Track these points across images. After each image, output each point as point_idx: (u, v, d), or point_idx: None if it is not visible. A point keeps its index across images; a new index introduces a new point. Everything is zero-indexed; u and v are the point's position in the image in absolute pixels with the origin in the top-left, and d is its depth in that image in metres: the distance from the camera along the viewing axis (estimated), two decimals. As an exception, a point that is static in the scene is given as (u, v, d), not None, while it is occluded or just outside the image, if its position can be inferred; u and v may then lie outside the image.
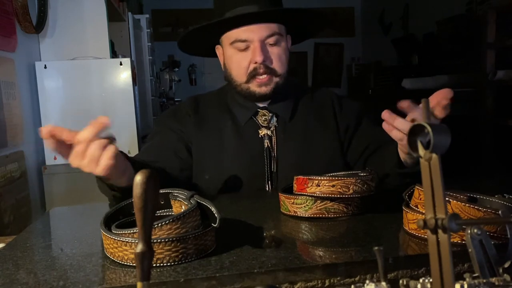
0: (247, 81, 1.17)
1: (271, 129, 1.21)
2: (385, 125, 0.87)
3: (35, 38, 2.46)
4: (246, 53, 1.15)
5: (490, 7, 2.91)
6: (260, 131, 1.21)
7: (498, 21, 2.88)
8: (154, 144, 1.20)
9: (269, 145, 1.20)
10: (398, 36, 5.35)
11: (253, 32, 1.13)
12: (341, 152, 1.24)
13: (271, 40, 1.15)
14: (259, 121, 1.22)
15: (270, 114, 1.22)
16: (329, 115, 1.26)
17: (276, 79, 1.17)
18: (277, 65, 1.16)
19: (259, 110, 1.23)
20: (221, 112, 1.25)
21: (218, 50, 1.26)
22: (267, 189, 1.19)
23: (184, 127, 1.21)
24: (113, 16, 2.92)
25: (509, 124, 2.85)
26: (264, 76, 1.15)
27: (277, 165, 1.20)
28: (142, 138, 2.62)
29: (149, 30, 3.85)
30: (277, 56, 1.16)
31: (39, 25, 2.36)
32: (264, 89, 1.17)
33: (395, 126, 0.85)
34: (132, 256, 0.64)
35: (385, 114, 0.86)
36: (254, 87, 1.17)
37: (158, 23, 5.95)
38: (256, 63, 1.14)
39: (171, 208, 0.85)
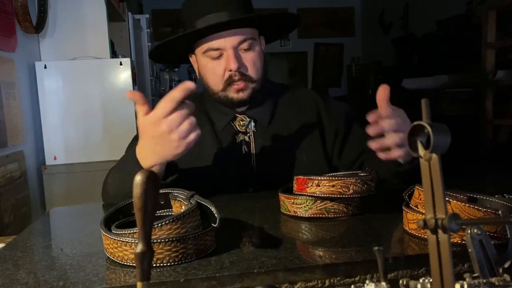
0: (224, 89, 1.15)
1: (249, 134, 1.20)
2: (381, 155, 0.92)
3: (35, 38, 2.46)
4: (219, 61, 1.13)
5: (490, 7, 2.91)
6: (237, 137, 1.19)
7: (498, 21, 2.89)
8: None
9: (246, 150, 1.18)
10: (398, 36, 5.35)
11: (225, 40, 1.11)
12: (325, 156, 1.21)
13: (244, 45, 1.12)
14: (237, 126, 1.20)
15: (248, 119, 1.20)
16: (313, 118, 1.23)
17: (252, 85, 1.15)
18: (252, 71, 1.14)
19: (237, 115, 1.21)
20: (200, 118, 1.21)
21: (192, 58, 1.24)
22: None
23: None
24: (113, 16, 2.92)
25: (509, 124, 2.85)
26: (240, 82, 1.13)
27: (257, 171, 1.18)
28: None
29: (149, 30, 3.86)
30: (252, 62, 1.14)
31: (39, 25, 2.36)
32: (241, 95, 1.15)
33: (387, 145, 0.89)
34: (132, 256, 0.64)
35: (373, 145, 0.90)
36: (231, 93, 1.15)
37: (158, 23, 5.96)
38: (231, 70, 1.12)
39: (171, 208, 0.85)
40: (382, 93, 0.93)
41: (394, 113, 0.91)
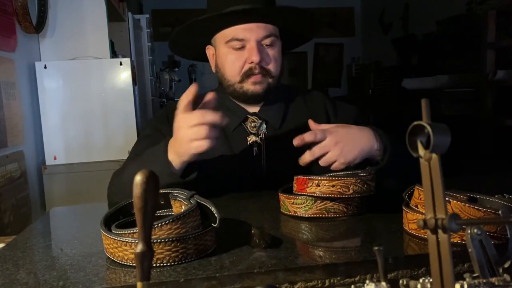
0: (241, 81, 1.16)
1: (260, 136, 1.19)
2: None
3: (35, 38, 2.46)
4: (241, 52, 1.14)
5: (490, 7, 2.91)
6: (248, 138, 1.19)
7: (498, 21, 2.89)
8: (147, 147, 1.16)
9: (257, 152, 1.18)
10: (398, 36, 5.35)
11: (250, 31, 1.12)
12: None
13: (267, 41, 1.14)
14: (248, 127, 1.20)
15: (260, 121, 1.20)
16: (322, 121, 1.22)
17: (269, 80, 1.16)
18: (273, 66, 1.15)
19: (248, 116, 1.21)
20: None
21: (209, 50, 1.24)
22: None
23: None
24: (113, 16, 2.92)
25: (509, 124, 2.85)
26: (259, 75, 1.14)
27: (267, 173, 1.18)
28: (142, 138, 2.62)
29: (149, 30, 3.85)
30: (273, 58, 1.15)
31: (39, 25, 2.36)
32: (257, 88, 1.15)
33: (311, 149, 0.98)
34: (132, 256, 0.64)
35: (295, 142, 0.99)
36: (248, 85, 1.15)
37: (158, 23, 5.95)
38: (252, 63, 1.13)
39: (171, 208, 0.85)
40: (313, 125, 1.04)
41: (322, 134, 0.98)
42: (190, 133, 0.90)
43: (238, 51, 1.14)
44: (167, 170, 0.96)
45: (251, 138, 1.19)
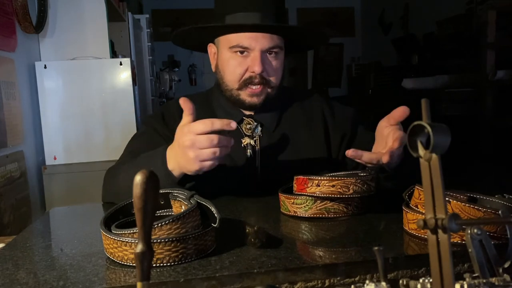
0: (239, 88, 1.15)
1: (255, 138, 1.19)
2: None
3: (35, 38, 2.46)
4: (244, 60, 1.13)
5: (490, 7, 2.91)
6: (243, 140, 1.19)
7: (498, 21, 2.89)
8: (142, 148, 1.15)
9: (251, 154, 1.18)
10: (398, 36, 5.35)
11: (256, 41, 1.11)
12: (331, 162, 1.21)
13: (271, 51, 1.13)
14: (243, 129, 1.20)
15: (255, 123, 1.20)
16: (318, 124, 1.23)
17: (268, 91, 1.16)
18: (273, 77, 1.15)
19: (244, 118, 1.20)
20: (205, 117, 1.22)
21: (211, 48, 1.23)
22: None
23: (170, 131, 1.17)
24: (113, 16, 2.92)
25: (509, 124, 2.85)
26: (258, 86, 1.14)
27: (261, 175, 1.18)
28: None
29: (149, 30, 3.86)
30: (275, 69, 1.15)
31: (39, 25, 2.36)
32: (254, 100, 1.15)
33: (364, 161, 0.92)
34: (132, 256, 0.64)
35: (349, 153, 0.92)
36: (245, 95, 1.15)
37: (158, 23, 5.96)
38: (253, 72, 1.12)
39: (171, 208, 0.85)
40: (401, 113, 0.93)
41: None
42: (201, 154, 0.89)
43: (241, 58, 1.13)
44: (168, 180, 0.96)
45: (246, 140, 1.19)
